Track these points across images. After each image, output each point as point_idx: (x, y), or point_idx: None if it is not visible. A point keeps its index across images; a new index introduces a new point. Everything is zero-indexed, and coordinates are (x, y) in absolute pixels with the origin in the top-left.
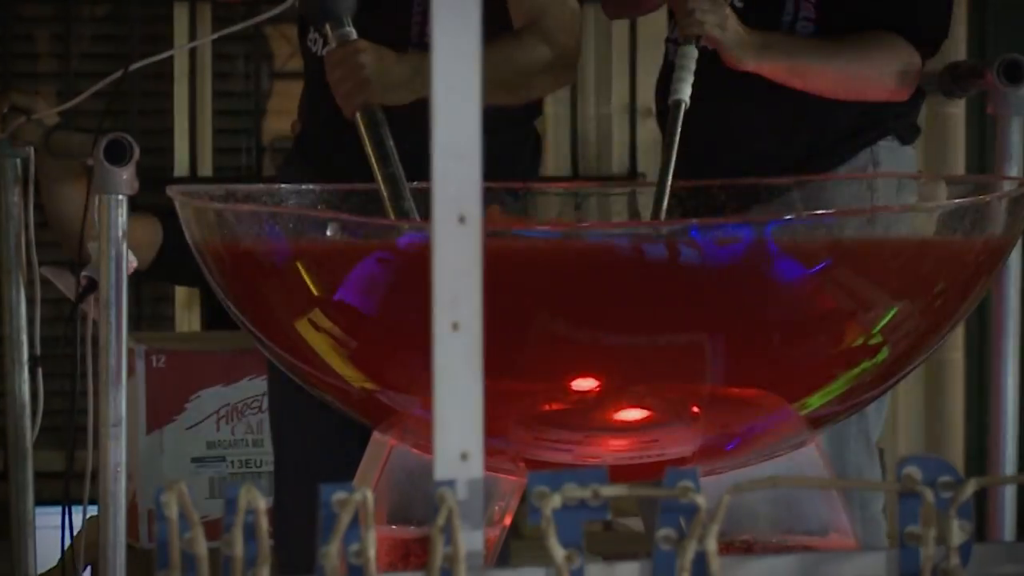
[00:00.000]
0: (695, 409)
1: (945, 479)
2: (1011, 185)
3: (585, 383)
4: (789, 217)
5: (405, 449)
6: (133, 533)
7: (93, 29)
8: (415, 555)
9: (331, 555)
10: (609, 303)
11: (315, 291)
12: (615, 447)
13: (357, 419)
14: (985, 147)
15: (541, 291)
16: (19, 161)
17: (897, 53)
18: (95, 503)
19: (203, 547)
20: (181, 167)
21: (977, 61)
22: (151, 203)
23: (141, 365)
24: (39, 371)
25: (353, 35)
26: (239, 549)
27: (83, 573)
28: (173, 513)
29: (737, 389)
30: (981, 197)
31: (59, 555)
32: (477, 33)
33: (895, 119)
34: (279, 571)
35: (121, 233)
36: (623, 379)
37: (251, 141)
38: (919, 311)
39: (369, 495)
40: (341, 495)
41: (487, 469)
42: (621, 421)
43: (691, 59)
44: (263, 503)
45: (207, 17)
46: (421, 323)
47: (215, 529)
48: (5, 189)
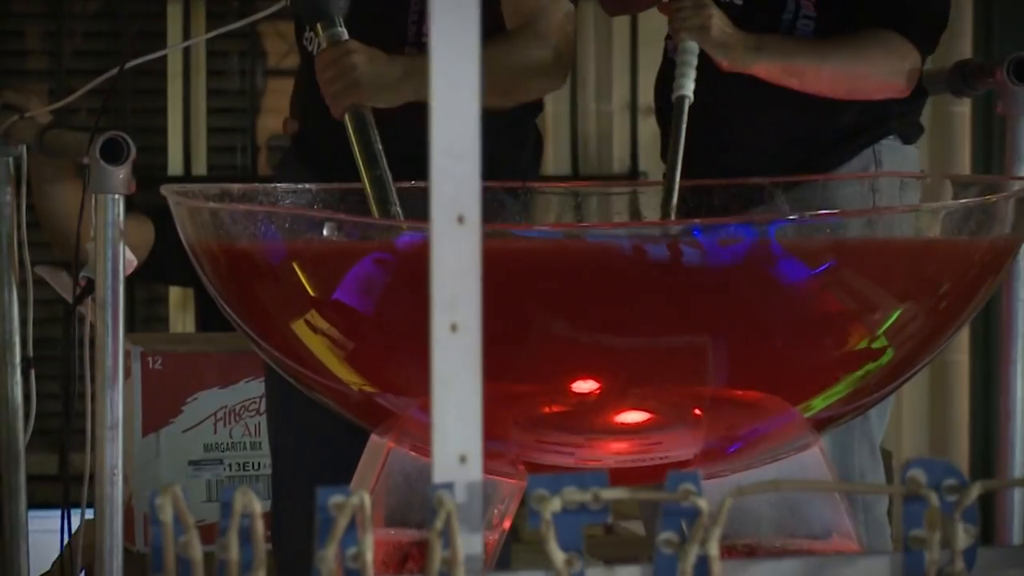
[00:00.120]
0: (697, 411)
1: (950, 482)
2: (1020, 185)
3: (585, 385)
4: (793, 217)
5: (403, 452)
6: (129, 537)
7: (85, 26)
8: (413, 559)
9: (328, 559)
10: (610, 304)
11: (312, 292)
12: (616, 450)
13: (355, 421)
14: (991, 147)
15: (541, 292)
16: (11, 160)
17: (894, 51)
18: (91, 506)
19: (198, 551)
20: (175, 166)
21: (986, 60)
22: (145, 202)
23: (137, 367)
24: (32, 373)
25: (344, 35)
26: (234, 553)
27: None
28: (168, 517)
29: (740, 391)
30: (988, 197)
31: (54, 559)
32: (476, 32)
33: (897, 118)
34: (276, 575)
35: (118, 233)
36: (624, 381)
37: (246, 139)
38: (924, 312)
39: (366, 498)
40: (338, 498)
41: (486, 472)
42: (622, 424)
43: (693, 54)
44: (259, 506)
45: (201, 14)
46: (419, 324)
47: (213, 533)
48: None
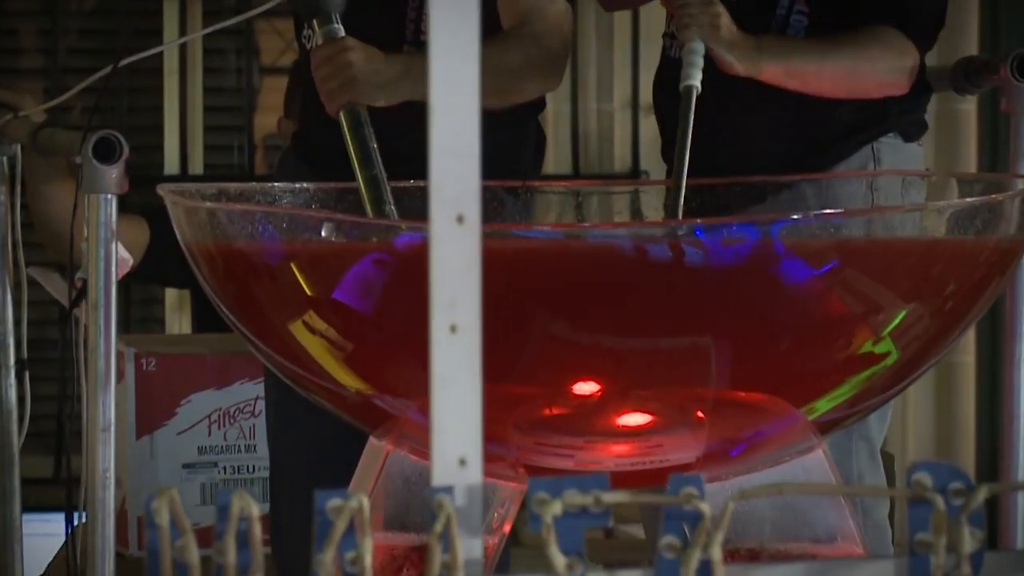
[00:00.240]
0: (699, 414)
1: (956, 485)
2: None
3: (586, 387)
4: (796, 217)
5: (402, 454)
6: (122, 541)
7: (80, 23)
8: (412, 563)
9: (326, 563)
10: (611, 305)
11: (310, 293)
12: (617, 453)
13: (353, 424)
14: (998, 145)
15: (541, 293)
16: (5, 159)
17: (894, 48)
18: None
19: (195, 555)
20: (171, 165)
21: (990, 56)
22: (141, 202)
23: (131, 368)
24: (26, 375)
25: (341, 32)
26: (231, 557)
27: None
28: (164, 520)
29: (742, 393)
30: (994, 196)
31: (47, 563)
32: (475, 30)
33: (898, 115)
34: None
35: (110, 233)
36: (625, 383)
37: (243, 138)
38: (929, 313)
39: (365, 502)
40: (336, 502)
41: (486, 475)
42: (623, 426)
43: (700, 49)
44: (256, 510)
45: (197, 11)
46: (419, 325)
47: (207, 537)
48: None
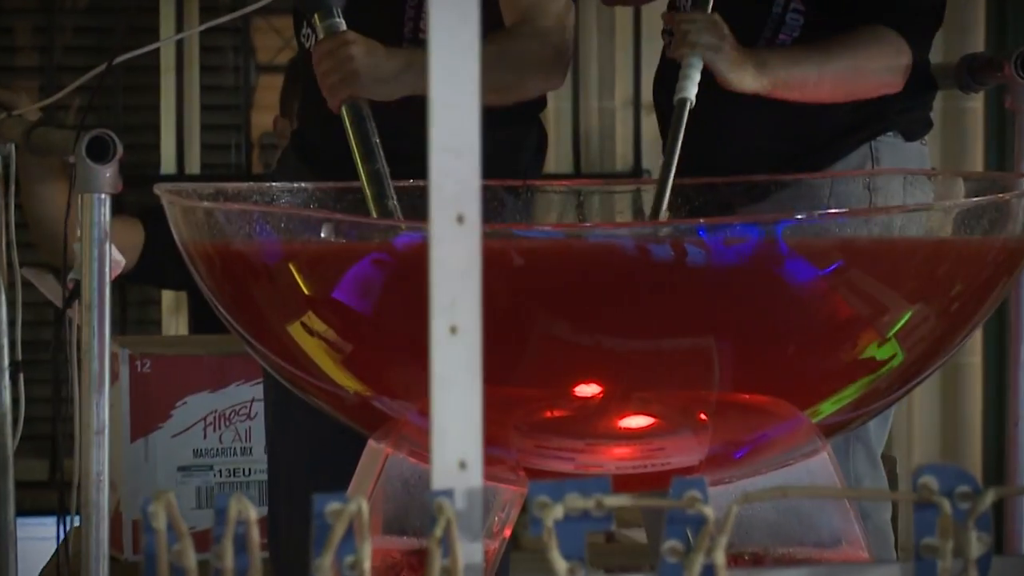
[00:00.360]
0: (702, 416)
1: (963, 489)
2: None
3: (588, 389)
4: (800, 216)
5: (401, 457)
6: (117, 545)
7: (76, 21)
8: (412, 567)
9: (324, 568)
10: (613, 305)
11: (309, 293)
12: (619, 455)
13: (352, 426)
14: (1005, 143)
15: (542, 293)
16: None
17: (887, 46)
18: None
19: (192, 559)
20: (168, 164)
21: (994, 54)
22: (138, 202)
23: (125, 370)
24: (20, 377)
25: (342, 26)
26: (229, 561)
27: None
28: (161, 524)
29: (746, 395)
30: (1000, 195)
31: (41, 567)
32: (476, 26)
33: (897, 114)
34: None
35: (104, 233)
36: (627, 385)
37: (240, 137)
38: (935, 314)
39: (364, 505)
40: (335, 505)
41: (486, 478)
42: (625, 428)
43: (698, 62)
44: (254, 513)
45: (194, 8)
46: (418, 327)
47: (202, 541)
48: None
